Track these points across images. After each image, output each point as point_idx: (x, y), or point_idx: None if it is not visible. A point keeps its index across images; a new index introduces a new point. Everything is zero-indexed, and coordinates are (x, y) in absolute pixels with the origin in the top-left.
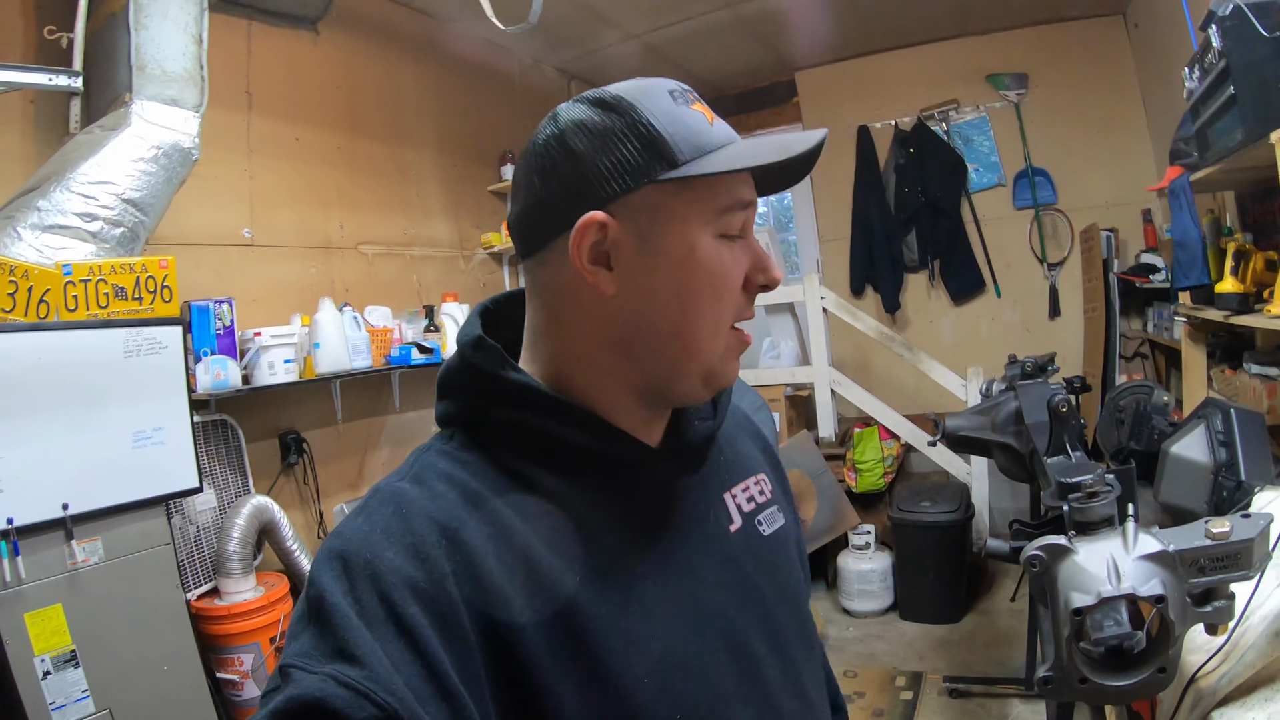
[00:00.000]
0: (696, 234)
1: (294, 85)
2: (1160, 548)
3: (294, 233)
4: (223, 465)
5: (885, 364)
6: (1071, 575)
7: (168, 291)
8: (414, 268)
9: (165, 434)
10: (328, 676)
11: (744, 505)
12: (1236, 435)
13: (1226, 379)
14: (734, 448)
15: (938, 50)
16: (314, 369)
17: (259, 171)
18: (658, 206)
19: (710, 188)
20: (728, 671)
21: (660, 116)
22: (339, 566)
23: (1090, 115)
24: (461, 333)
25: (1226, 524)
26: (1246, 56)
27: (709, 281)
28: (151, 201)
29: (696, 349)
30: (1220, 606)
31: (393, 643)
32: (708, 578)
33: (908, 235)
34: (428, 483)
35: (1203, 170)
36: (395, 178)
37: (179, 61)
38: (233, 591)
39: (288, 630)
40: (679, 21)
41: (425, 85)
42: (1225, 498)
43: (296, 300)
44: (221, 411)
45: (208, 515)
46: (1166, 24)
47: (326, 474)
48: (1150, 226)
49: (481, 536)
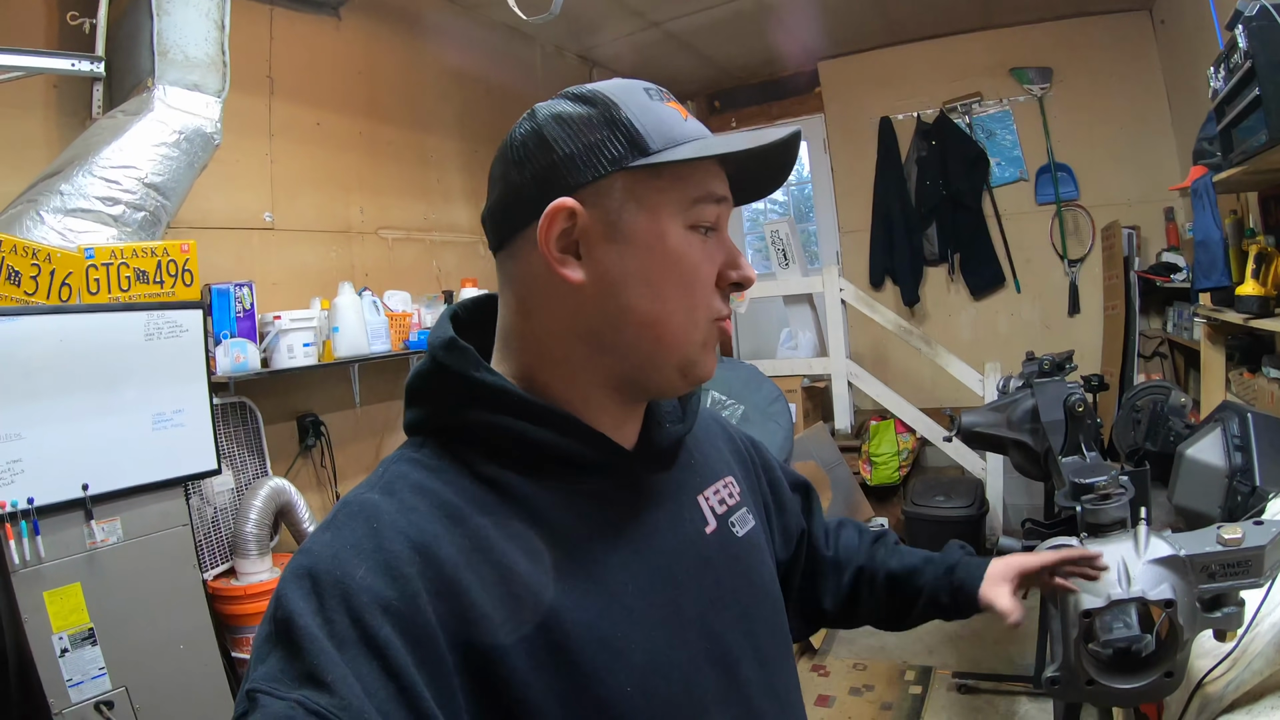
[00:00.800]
0: (666, 223)
1: (315, 70)
2: (1171, 552)
3: (314, 217)
4: (241, 447)
5: (903, 357)
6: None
7: (189, 275)
8: (434, 253)
9: (185, 416)
10: (296, 704)
11: (716, 507)
12: (1253, 440)
13: (1245, 382)
14: (702, 450)
15: (962, 42)
16: (333, 353)
17: (280, 156)
18: (628, 194)
19: (681, 177)
20: (707, 675)
21: (633, 108)
22: (308, 585)
23: (1114, 111)
24: (432, 335)
25: (1239, 530)
26: (1273, 57)
27: (678, 271)
28: (173, 186)
29: (671, 340)
30: (1230, 613)
31: (365, 665)
32: (686, 581)
33: (928, 228)
34: (399, 494)
35: (1226, 171)
36: (415, 163)
37: (201, 47)
38: (249, 572)
39: (252, 650)
40: (702, 10)
41: (446, 71)
42: (1239, 503)
43: (316, 284)
44: (241, 394)
45: (225, 496)
46: (1193, 21)
47: (344, 457)
48: (1173, 225)
49: (456, 550)
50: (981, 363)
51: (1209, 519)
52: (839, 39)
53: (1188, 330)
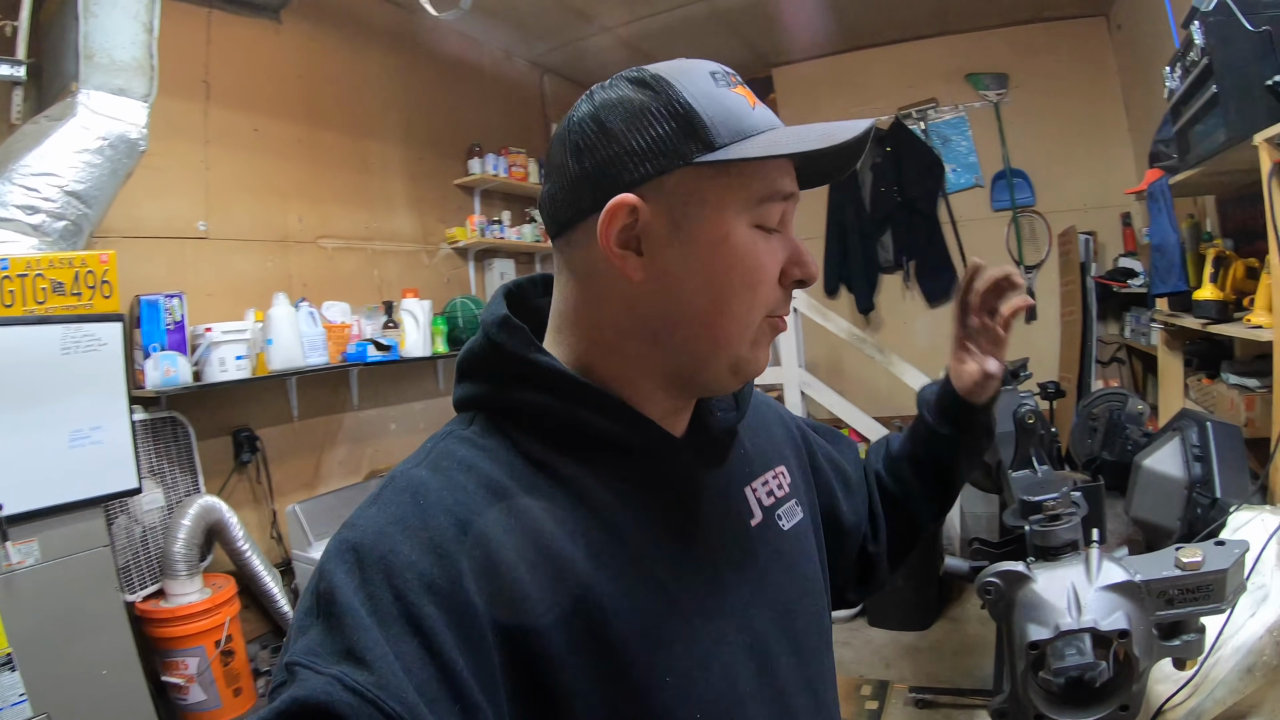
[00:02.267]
0: (731, 222)
1: (254, 75)
2: (1126, 577)
3: (251, 226)
4: (172, 464)
5: (858, 365)
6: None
7: (108, 287)
8: (375, 262)
9: (103, 433)
10: (334, 679)
11: (764, 499)
12: (1213, 450)
13: (1204, 388)
14: (755, 439)
15: (917, 49)
16: (267, 365)
17: (215, 163)
18: (692, 191)
19: (748, 175)
20: (746, 668)
21: (699, 97)
22: (352, 560)
23: (1070, 117)
24: (487, 312)
25: (1199, 553)
26: (1230, 54)
27: (742, 273)
28: (96, 194)
29: (725, 341)
30: (1190, 640)
31: (406, 643)
32: (728, 573)
33: (883, 235)
34: (446, 471)
35: (1183, 173)
36: (357, 170)
37: (128, 50)
38: (178, 594)
39: (293, 622)
40: (655, 14)
41: (391, 76)
42: (1200, 515)
43: (252, 295)
44: (172, 408)
45: (155, 515)
46: (1150, 26)
47: (281, 473)
48: (1129, 230)
49: (501, 529)
50: (938, 370)
51: (1168, 531)
52: (793, 45)
53: (1145, 335)
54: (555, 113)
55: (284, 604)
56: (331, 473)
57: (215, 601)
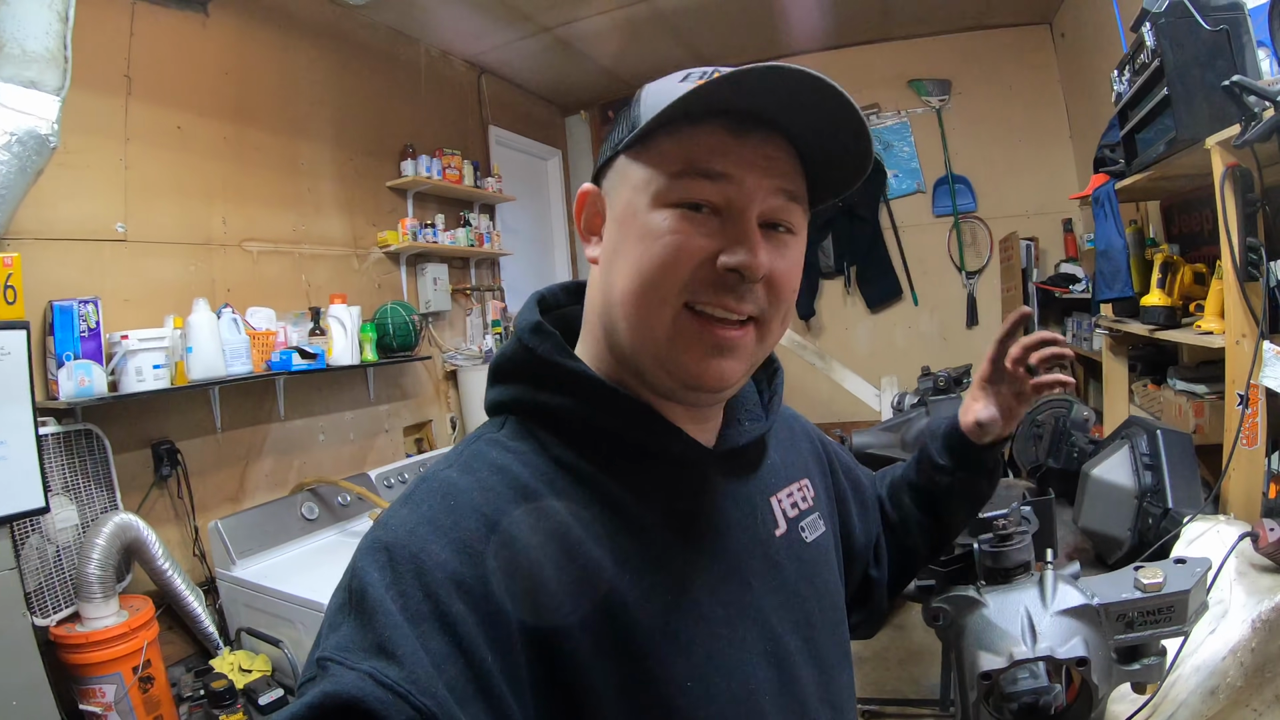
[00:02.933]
0: (639, 197)
1: (179, 70)
2: (1083, 601)
3: (173, 228)
4: (87, 479)
5: (799, 372)
6: (981, 632)
7: (11, 292)
8: (303, 267)
9: (7, 449)
10: (366, 675)
11: (788, 511)
12: (1163, 458)
13: (1150, 394)
14: (782, 450)
15: (860, 54)
16: (186, 375)
17: (136, 161)
18: (622, 174)
19: (663, 152)
20: (767, 677)
21: (650, 94)
22: (384, 558)
23: (1013, 123)
24: (520, 317)
25: (1159, 574)
26: (1182, 55)
27: (649, 247)
28: (2, 193)
29: (641, 323)
30: (1150, 664)
31: (435, 640)
32: (752, 582)
33: (824, 241)
34: (477, 472)
35: (1130, 178)
36: (286, 171)
37: (41, 40)
38: (93, 617)
39: (326, 619)
40: (594, 15)
41: (323, 74)
42: (1151, 525)
43: (173, 300)
44: (87, 420)
45: (69, 534)
46: (1094, 33)
47: (204, 487)
48: (1071, 236)
49: (530, 531)
50: (879, 377)
51: (1118, 542)
52: (735, 48)
53: (1088, 341)
54: (493, 114)
55: (208, 625)
56: (258, 486)
57: (132, 625)
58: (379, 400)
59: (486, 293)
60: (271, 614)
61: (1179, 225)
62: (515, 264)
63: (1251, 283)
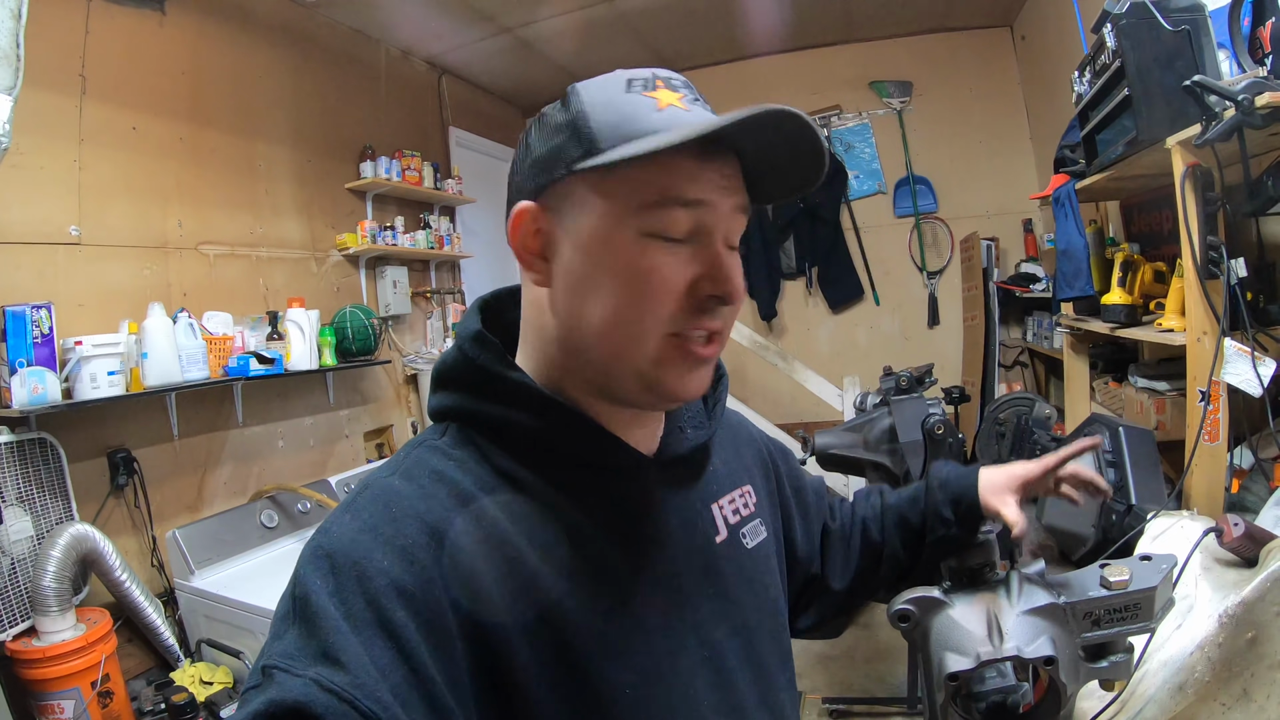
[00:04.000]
0: (613, 228)
1: (134, 69)
2: (1049, 600)
3: (128, 231)
4: (42, 489)
5: (760, 373)
6: (946, 633)
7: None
8: (261, 270)
9: None
10: (311, 681)
11: (730, 517)
12: (1126, 455)
13: (1111, 391)
14: (724, 456)
15: (821, 55)
16: (141, 381)
17: (90, 163)
18: (581, 198)
19: (632, 179)
20: (704, 684)
21: (595, 105)
22: (326, 566)
23: (973, 125)
24: (461, 326)
25: (1125, 571)
26: (1143, 56)
27: (628, 281)
28: None
29: (621, 352)
30: (1118, 661)
31: (379, 647)
32: (691, 589)
33: (785, 242)
34: (418, 479)
35: (1091, 177)
36: (243, 172)
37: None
38: (50, 631)
39: (271, 628)
40: (555, 15)
41: (281, 73)
42: (1115, 522)
43: (128, 305)
44: (41, 429)
45: (24, 545)
46: (1054, 36)
47: (161, 495)
48: (1031, 236)
49: (471, 539)
50: (841, 377)
51: (1082, 539)
52: (696, 50)
53: (1048, 339)
54: (453, 115)
55: (168, 637)
56: (216, 494)
57: (89, 639)
58: (339, 405)
59: (447, 295)
60: (232, 624)
61: (1138, 224)
62: (476, 266)
63: (1212, 280)
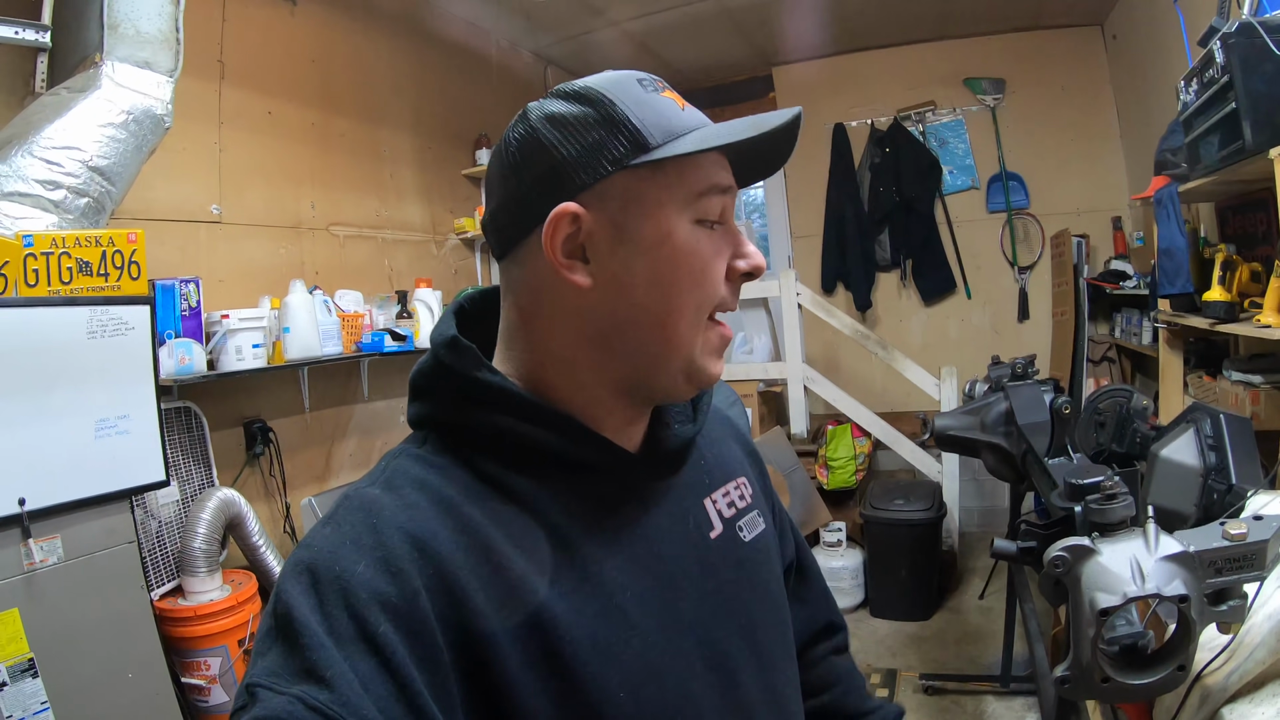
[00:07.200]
0: (673, 220)
1: (268, 56)
2: (1181, 548)
3: (264, 211)
4: (186, 456)
5: (854, 361)
6: (1095, 576)
7: (135, 268)
8: (385, 251)
9: (130, 423)
10: (296, 699)
11: (724, 511)
12: (1226, 440)
13: (1205, 385)
14: (715, 451)
15: (917, 52)
16: (283, 354)
17: (229, 145)
18: (631, 193)
19: (684, 171)
20: (704, 683)
21: (629, 103)
22: (307, 580)
23: (1064, 122)
24: (435, 331)
25: (1243, 526)
26: (1252, 76)
27: (688, 269)
28: (120, 170)
29: (678, 341)
30: (1234, 605)
31: (363, 662)
32: (687, 586)
33: (881, 234)
34: (400, 489)
35: (1194, 181)
36: (369, 157)
37: (154, 22)
38: (198, 591)
39: (254, 645)
40: (663, 10)
41: (402, 63)
42: (1215, 500)
43: (265, 282)
44: (185, 398)
45: (171, 509)
46: (1146, 36)
47: (293, 465)
48: (1120, 234)
49: (455, 548)
50: (933, 367)
51: (1184, 517)
52: (795, 45)
53: (1136, 335)
54: None
55: None
56: (342, 465)
57: (238, 599)
58: None
59: None
60: None
61: (1233, 226)
62: None
63: None
